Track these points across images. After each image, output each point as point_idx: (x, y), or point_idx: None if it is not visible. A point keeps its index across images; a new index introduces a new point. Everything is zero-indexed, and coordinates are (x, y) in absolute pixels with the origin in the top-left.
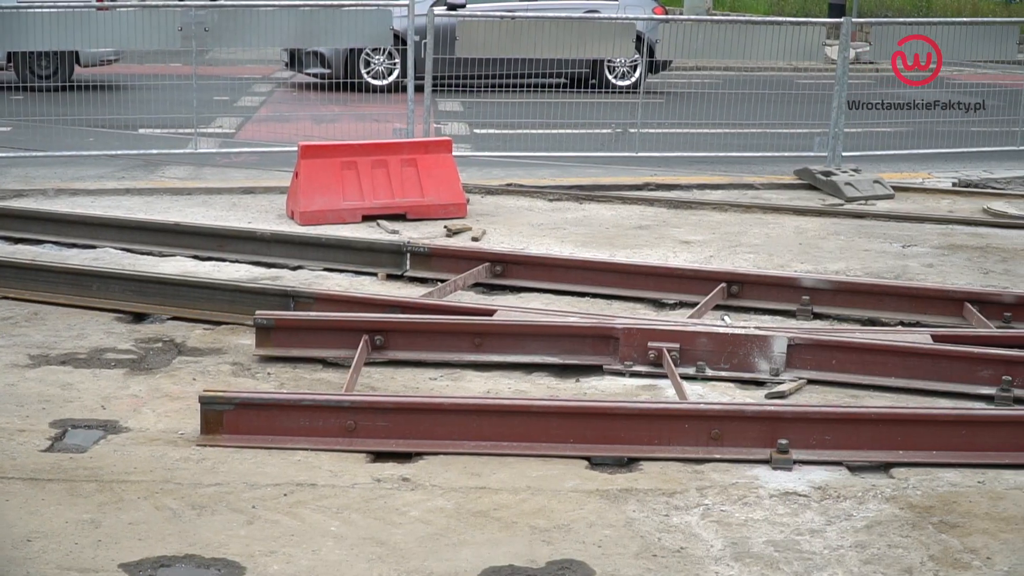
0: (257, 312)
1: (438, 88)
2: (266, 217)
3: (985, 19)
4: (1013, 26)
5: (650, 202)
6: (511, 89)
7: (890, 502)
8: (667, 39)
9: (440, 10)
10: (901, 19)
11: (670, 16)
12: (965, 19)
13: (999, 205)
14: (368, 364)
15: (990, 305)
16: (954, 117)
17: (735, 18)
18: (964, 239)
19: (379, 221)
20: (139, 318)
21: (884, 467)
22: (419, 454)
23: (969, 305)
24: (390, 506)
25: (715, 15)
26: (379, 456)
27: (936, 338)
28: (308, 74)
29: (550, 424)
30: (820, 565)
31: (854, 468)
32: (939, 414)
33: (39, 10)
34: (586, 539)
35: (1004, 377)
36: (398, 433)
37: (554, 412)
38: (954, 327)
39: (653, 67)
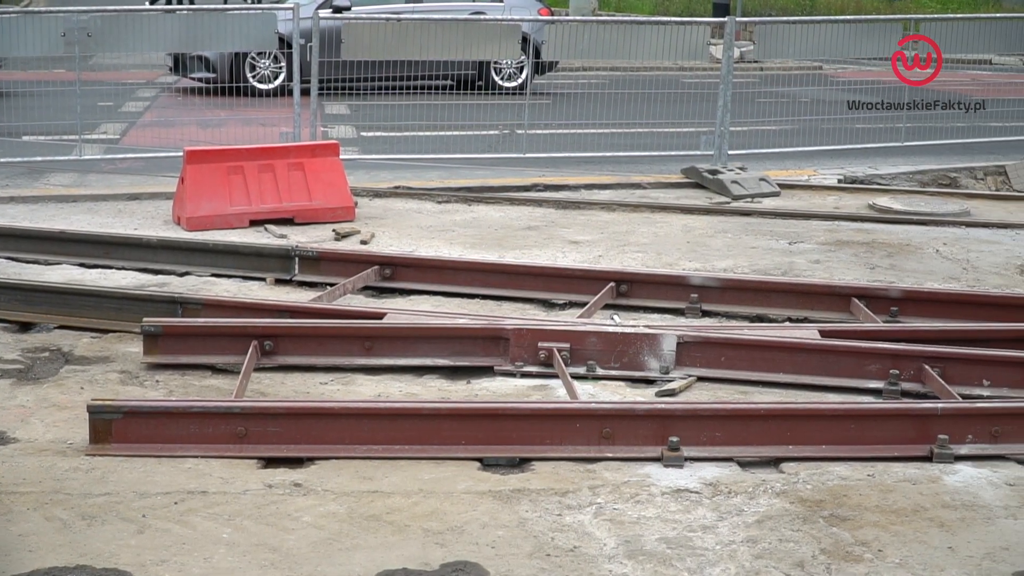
0: (144, 319)
1: (325, 91)
2: (152, 223)
3: (868, 17)
4: (896, 23)
5: (538, 203)
6: (398, 92)
7: (781, 497)
8: (553, 40)
9: (325, 13)
10: (785, 18)
11: (556, 17)
12: (849, 17)
13: (884, 201)
14: (258, 370)
15: (877, 300)
16: (842, 114)
17: (620, 18)
18: (850, 235)
19: (267, 226)
20: (25, 327)
21: (774, 462)
22: (311, 459)
23: (856, 300)
24: (282, 512)
25: (600, 15)
26: (270, 462)
27: (824, 333)
28: (193, 79)
29: (441, 426)
30: (713, 561)
31: (744, 464)
32: (828, 409)
33: None
34: (480, 540)
35: (891, 371)
36: (289, 438)
37: (445, 414)
38: (841, 322)
39: (539, 68)
